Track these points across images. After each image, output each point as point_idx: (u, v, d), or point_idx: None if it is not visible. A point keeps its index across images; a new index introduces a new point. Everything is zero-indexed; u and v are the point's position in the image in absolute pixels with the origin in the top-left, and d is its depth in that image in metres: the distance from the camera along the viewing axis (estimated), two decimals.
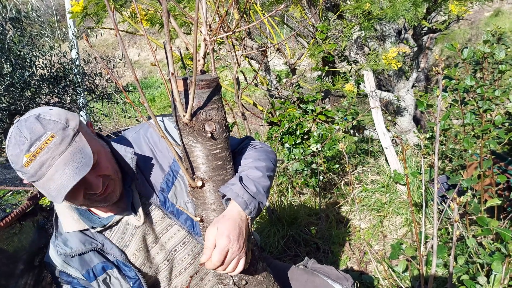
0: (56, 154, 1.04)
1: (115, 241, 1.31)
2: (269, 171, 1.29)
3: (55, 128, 1.06)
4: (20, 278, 1.43)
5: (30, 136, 1.03)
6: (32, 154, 1.02)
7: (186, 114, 1.03)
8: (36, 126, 1.04)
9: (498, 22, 8.56)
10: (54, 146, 1.04)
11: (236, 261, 1.08)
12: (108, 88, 5.14)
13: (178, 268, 1.40)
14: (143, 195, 1.31)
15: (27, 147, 1.02)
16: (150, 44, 0.94)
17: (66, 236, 1.27)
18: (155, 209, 1.33)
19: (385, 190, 3.36)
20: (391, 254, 1.69)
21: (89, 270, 1.27)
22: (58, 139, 1.05)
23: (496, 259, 1.53)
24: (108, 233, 1.30)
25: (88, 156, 1.07)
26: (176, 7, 3.12)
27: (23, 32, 4.21)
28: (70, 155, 1.06)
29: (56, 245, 1.27)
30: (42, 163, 1.03)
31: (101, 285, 1.29)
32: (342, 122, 3.42)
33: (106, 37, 14.37)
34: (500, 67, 2.30)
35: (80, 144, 1.09)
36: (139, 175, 1.30)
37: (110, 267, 1.28)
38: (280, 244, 3.00)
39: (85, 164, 1.06)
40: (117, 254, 1.28)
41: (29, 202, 1.49)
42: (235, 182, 1.16)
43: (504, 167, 2.39)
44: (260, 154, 1.33)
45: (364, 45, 3.60)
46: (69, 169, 1.04)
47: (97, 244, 1.27)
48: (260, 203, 1.19)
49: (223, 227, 1.06)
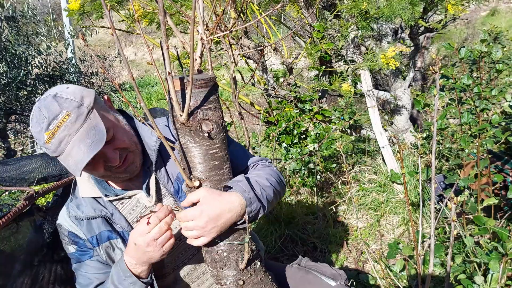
0: (72, 131, 1.12)
1: (124, 213, 1.37)
2: (277, 188, 1.33)
3: (70, 107, 1.13)
4: (17, 278, 1.43)
5: (48, 114, 1.11)
6: (51, 131, 1.11)
7: (183, 113, 1.03)
8: (53, 104, 1.12)
9: (495, 22, 8.59)
10: (70, 124, 1.12)
11: (196, 234, 1.11)
12: (104, 88, 5.13)
13: (182, 258, 1.43)
14: (159, 180, 1.36)
15: (46, 125, 1.11)
16: (146, 43, 0.94)
17: (80, 201, 1.36)
18: (168, 195, 1.39)
19: (382, 190, 3.37)
20: (388, 253, 1.69)
21: (94, 236, 1.34)
22: (74, 117, 1.12)
23: (493, 258, 1.53)
24: (119, 205, 1.38)
25: (101, 133, 1.13)
26: (173, 5, 3.11)
27: (19, 31, 4.19)
28: (85, 132, 1.13)
29: (70, 207, 1.36)
30: (60, 140, 1.12)
31: (102, 253, 1.35)
32: (339, 121, 3.42)
33: (102, 36, 14.32)
34: (497, 67, 2.31)
35: (94, 121, 1.15)
36: (159, 159, 1.36)
37: (115, 237, 1.34)
38: (278, 244, 3.00)
39: (98, 140, 1.12)
40: (124, 225, 1.34)
41: (26, 202, 1.48)
42: (241, 179, 1.18)
43: (500, 166, 2.40)
44: (273, 174, 1.38)
45: (361, 44, 3.61)
46: (84, 145, 1.11)
47: (107, 213, 1.34)
48: (262, 207, 1.20)
49: (208, 202, 1.10)
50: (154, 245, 1.13)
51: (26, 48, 4.18)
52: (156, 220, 1.13)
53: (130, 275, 1.21)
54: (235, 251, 1.18)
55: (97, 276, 1.36)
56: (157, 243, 1.13)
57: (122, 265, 1.23)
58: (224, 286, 1.19)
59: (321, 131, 3.24)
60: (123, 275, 1.22)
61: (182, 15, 2.83)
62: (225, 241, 1.17)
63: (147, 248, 1.14)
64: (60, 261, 1.66)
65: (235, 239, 1.18)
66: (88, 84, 4.97)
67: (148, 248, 1.14)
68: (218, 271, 1.18)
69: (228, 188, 1.16)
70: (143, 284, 1.23)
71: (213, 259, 1.19)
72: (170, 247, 1.16)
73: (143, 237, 1.13)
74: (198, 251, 1.44)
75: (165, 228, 1.14)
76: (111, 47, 14.14)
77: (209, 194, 1.11)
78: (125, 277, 1.22)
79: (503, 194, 2.28)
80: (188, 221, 1.11)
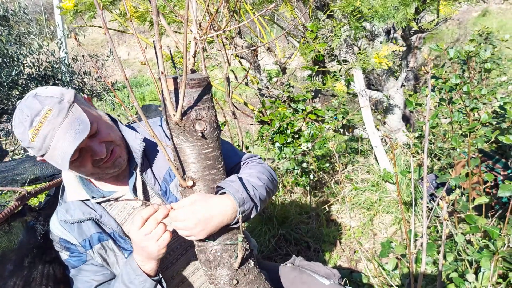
0: (56, 125, 1.12)
1: (113, 214, 1.37)
2: (269, 186, 1.35)
3: (52, 103, 1.14)
4: (9, 279, 1.42)
5: (30, 112, 1.12)
6: (35, 128, 1.12)
7: (176, 113, 1.03)
8: (35, 103, 1.13)
9: (486, 22, 8.65)
10: (53, 118, 1.12)
11: (186, 233, 1.14)
12: (96, 87, 5.10)
13: (170, 258, 1.43)
14: (146, 181, 1.37)
15: (29, 123, 1.12)
16: (139, 42, 0.94)
17: (69, 205, 1.35)
18: (155, 196, 1.38)
19: (375, 189, 3.38)
20: (381, 252, 1.70)
21: (86, 239, 1.34)
22: (56, 111, 1.13)
23: (485, 256, 1.54)
24: (107, 207, 1.38)
25: (85, 123, 1.15)
26: (166, 5, 3.10)
27: (10, 30, 4.16)
28: (69, 124, 1.13)
29: (59, 212, 1.36)
30: (45, 135, 1.12)
31: (96, 255, 1.35)
32: (332, 121, 3.43)
33: (95, 35, 14.22)
34: (485, 66, 2.33)
35: (76, 114, 1.16)
36: (144, 161, 1.37)
37: (106, 238, 1.35)
38: (271, 243, 3.00)
39: (83, 129, 1.13)
40: (114, 226, 1.34)
41: (18, 203, 1.47)
42: (234, 180, 1.19)
43: (491, 165, 2.42)
44: (264, 171, 1.39)
45: (354, 44, 3.62)
46: (69, 135, 1.12)
47: (96, 215, 1.33)
48: (254, 207, 1.21)
49: (200, 204, 1.11)
50: (147, 239, 1.13)
51: (18, 48, 4.15)
52: (145, 216, 1.14)
53: (141, 273, 1.22)
54: (229, 250, 1.18)
55: (95, 277, 1.37)
56: (149, 238, 1.13)
57: (133, 264, 1.24)
58: (218, 286, 1.19)
59: (315, 130, 3.25)
60: (133, 273, 1.23)
61: (176, 14, 2.83)
62: (218, 240, 1.17)
63: (142, 243, 1.15)
64: (52, 261, 1.65)
65: (229, 238, 1.19)
66: (81, 83, 4.94)
67: (143, 243, 1.15)
68: (212, 270, 1.19)
69: (221, 188, 1.17)
70: (154, 282, 1.24)
71: (206, 259, 1.19)
72: (166, 241, 1.15)
73: (136, 233, 1.14)
74: (186, 252, 1.45)
75: (153, 223, 1.13)
76: (104, 46, 14.04)
77: (201, 197, 1.13)
78: (136, 275, 1.23)
79: (494, 192, 2.31)
80: (179, 221, 1.13)
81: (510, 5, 9.67)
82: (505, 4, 9.68)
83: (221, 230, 1.15)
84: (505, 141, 1.92)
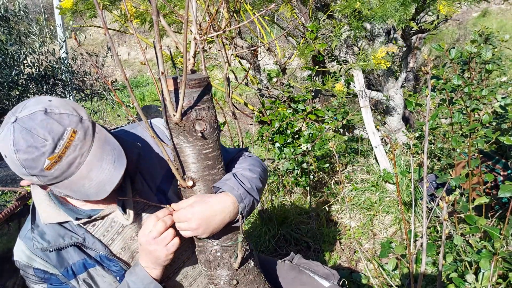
0: (84, 150, 0.98)
1: (98, 235, 1.20)
2: (262, 177, 1.32)
3: (73, 123, 0.97)
4: (9, 279, 1.42)
5: (51, 136, 0.93)
6: (58, 155, 0.94)
7: (176, 113, 1.03)
8: (52, 123, 0.94)
9: (486, 22, 8.66)
10: (80, 142, 0.97)
11: (189, 234, 1.12)
12: (96, 86, 5.10)
13: (166, 273, 1.29)
14: (138, 194, 1.22)
15: (50, 148, 0.93)
16: (139, 43, 0.94)
17: (43, 229, 1.15)
18: (150, 208, 1.26)
19: (375, 189, 3.38)
20: (381, 252, 1.70)
21: (68, 268, 1.17)
22: (81, 134, 0.97)
23: (484, 257, 1.54)
24: (90, 228, 1.19)
25: (116, 145, 1.04)
26: (166, 5, 3.10)
27: (10, 30, 4.16)
28: (100, 149, 1.00)
29: (33, 239, 1.14)
30: (70, 163, 0.96)
31: (81, 284, 1.18)
32: (332, 121, 3.43)
33: (95, 36, 14.22)
34: (487, 67, 2.33)
35: (102, 135, 1.03)
36: (137, 175, 1.23)
37: (93, 265, 1.19)
38: (271, 244, 3.00)
39: (119, 155, 1.02)
40: (100, 248, 1.18)
41: (18, 203, 1.47)
42: (229, 177, 1.18)
43: (491, 166, 2.42)
44: (255, 162, 1.36)
45: (353, 45, 3.62)
46: (106, 163, 1.00)
47: (78, 239, 1.15)
48: (254, 200, 1.20)
49: (200, 205, 1.10)
50: (156, 243, 1.08)
51: (18, 48, 4.15)
52: (155, 219, 1.09)
53: (151, 280, 1.14)
54: (229, 250, 1.19)
55: None
56: (158, 241, 1.08)
57: (140, 273, 1.15)
58: (218, 286, 1.19)
59: (314, 131, 3.25)
60: (141, 283, 1.14)
61: (176, 15, 2.83)
62: (218, 241, 1.17)
63: (150, 247, 1.09)
64: None
65: (229, 239, 1.19)
66: (80, 83, 4.94)
67: (151, 247, 1.09)
68: (212, 271, 1.19)
69: (218, 188, 1.16)
70: None
71: (206, 259, 1.19)
72: (175, 246, 1.10)
73: (145, 237, 1.09)
74: (184, 264, 1.36)
75: (162, 226, 1.08)
76: (104, 46, 14.04)
77: (200, 198, 1.12)
78: (144, 284, 1.15)
79: (494, 193, 2.31)
80: (181, 222, 1.11)
81: (510, 6, 9.67)
82: (505, 5, 9.68)
83: (221, 231, 1.15)
84: (505, 142, 1.92)
